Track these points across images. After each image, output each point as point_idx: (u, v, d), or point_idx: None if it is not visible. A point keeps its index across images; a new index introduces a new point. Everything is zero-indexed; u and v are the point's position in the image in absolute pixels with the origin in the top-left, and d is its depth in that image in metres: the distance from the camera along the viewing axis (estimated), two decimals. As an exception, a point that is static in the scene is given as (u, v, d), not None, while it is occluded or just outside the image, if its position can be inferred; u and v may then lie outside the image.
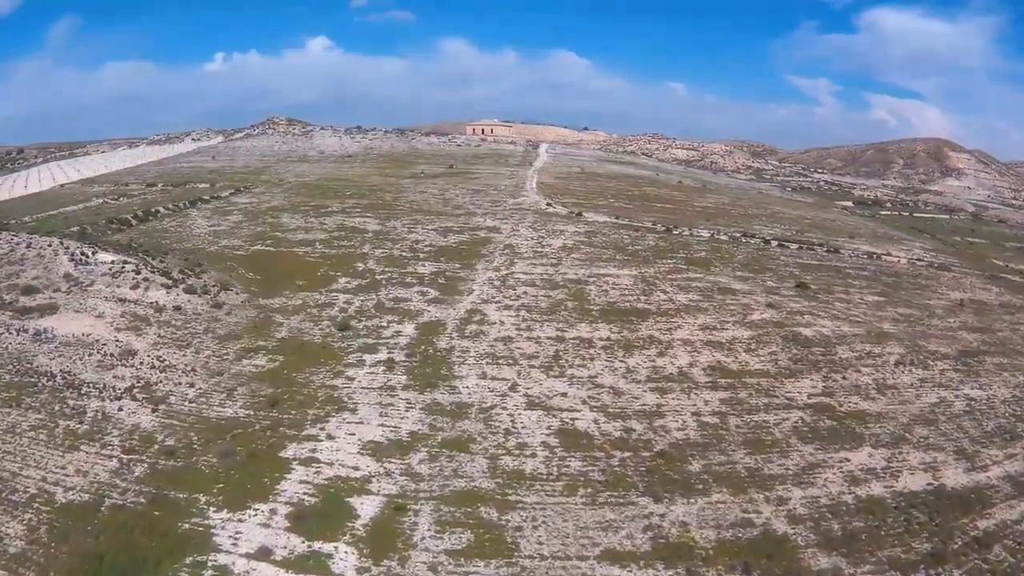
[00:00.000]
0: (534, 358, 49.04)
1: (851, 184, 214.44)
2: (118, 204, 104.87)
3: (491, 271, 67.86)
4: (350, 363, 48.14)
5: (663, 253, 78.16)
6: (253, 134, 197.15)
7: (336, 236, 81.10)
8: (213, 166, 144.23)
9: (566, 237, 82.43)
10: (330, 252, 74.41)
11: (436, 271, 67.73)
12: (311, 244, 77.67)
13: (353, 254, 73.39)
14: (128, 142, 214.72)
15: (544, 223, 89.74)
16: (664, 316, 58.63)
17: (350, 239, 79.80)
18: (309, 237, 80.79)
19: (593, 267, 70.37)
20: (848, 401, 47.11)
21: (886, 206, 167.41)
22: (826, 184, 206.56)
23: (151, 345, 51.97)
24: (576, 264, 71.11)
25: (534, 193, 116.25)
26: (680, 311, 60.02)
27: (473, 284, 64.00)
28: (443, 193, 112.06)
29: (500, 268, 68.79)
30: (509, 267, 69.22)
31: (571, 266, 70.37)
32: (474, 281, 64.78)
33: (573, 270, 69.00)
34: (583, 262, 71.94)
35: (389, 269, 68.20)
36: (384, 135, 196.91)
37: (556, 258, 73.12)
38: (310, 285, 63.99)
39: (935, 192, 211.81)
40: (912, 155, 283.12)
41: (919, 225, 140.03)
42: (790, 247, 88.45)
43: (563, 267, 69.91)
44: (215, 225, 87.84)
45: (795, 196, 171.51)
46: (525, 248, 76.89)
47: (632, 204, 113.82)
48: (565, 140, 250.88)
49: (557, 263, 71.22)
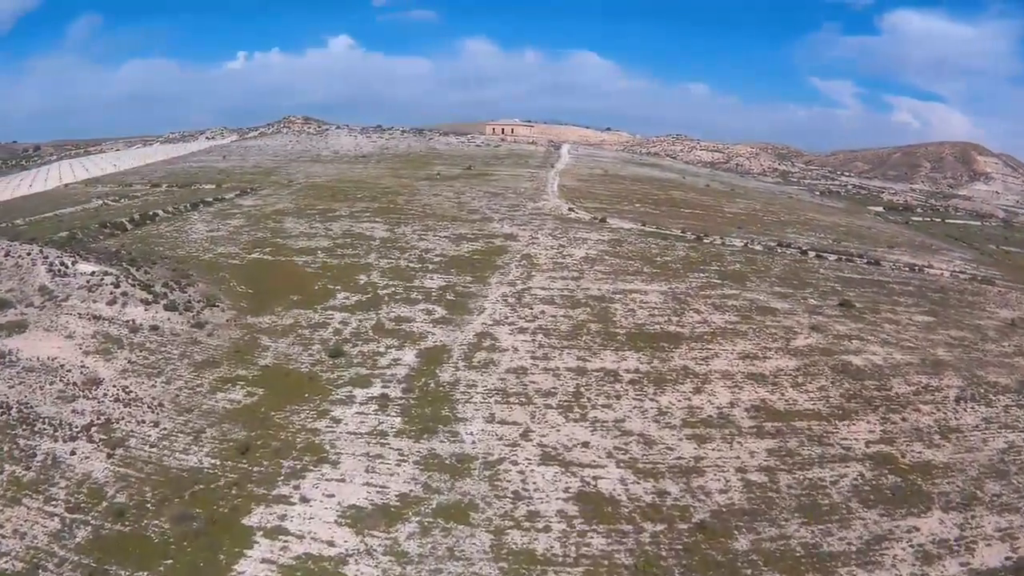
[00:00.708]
0: (551, 395, 42.43)
1: (880, 188, 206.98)
2: (118, 206, 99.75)
3: (506, 285, 61.38)
4: (338, 399, 41.82)
5: (694, 265, 71.31)
6: (267, 133, 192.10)
7: (340, 244, 75.00)
8: (223, 166, 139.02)
9: (589, 246, 75.86)
10: (331, 262, 68.27)
11: (445, 285, 61.33)
12: (312, 253, 71.60)
13: (356, 265, 67.19)
14: (143, 140, 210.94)
15: (565, 230, 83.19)
16: (699, 342, 51.87)
17: (355, 247, 73.66)
18: (311, 245, 74.77)
19: (618, 281, 63.74)
20: (911, 450, 40.16)
21: (917, 212, 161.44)
22: (854, 188, 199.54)
23: (119, 373, 46.11)
24: (600, 278, 64.49)
25: (555, 197, 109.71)
26: (716, 335, 53.24)
27: (485, 301, 57.54)
28: (459, 196, 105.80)
29: (516, 282, 62.29)
30: (526, 281, 62.71)
31: (594, 280, 63.78)
32: (486, 298, 58.32)
33: (596, 285, 62.39)
34: (607, 276, 65.31)
35: (394, 283, 61.88)
36: (401, 135, 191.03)
37: (578, 270, 66.54)
38: (305, 301, 57.85)
39: (964, 197, 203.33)
40: (939, 159, 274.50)
41: (952, 232, 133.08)
42: (829, 258, 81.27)
43: (585, 281, 63.33)
44: (214, 230, 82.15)
45: (826, 201, 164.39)
46: (544, 259, 70.38)
47: (659, 209, 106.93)
48: (587, 140, 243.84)
49: (579, 276, 64.65)
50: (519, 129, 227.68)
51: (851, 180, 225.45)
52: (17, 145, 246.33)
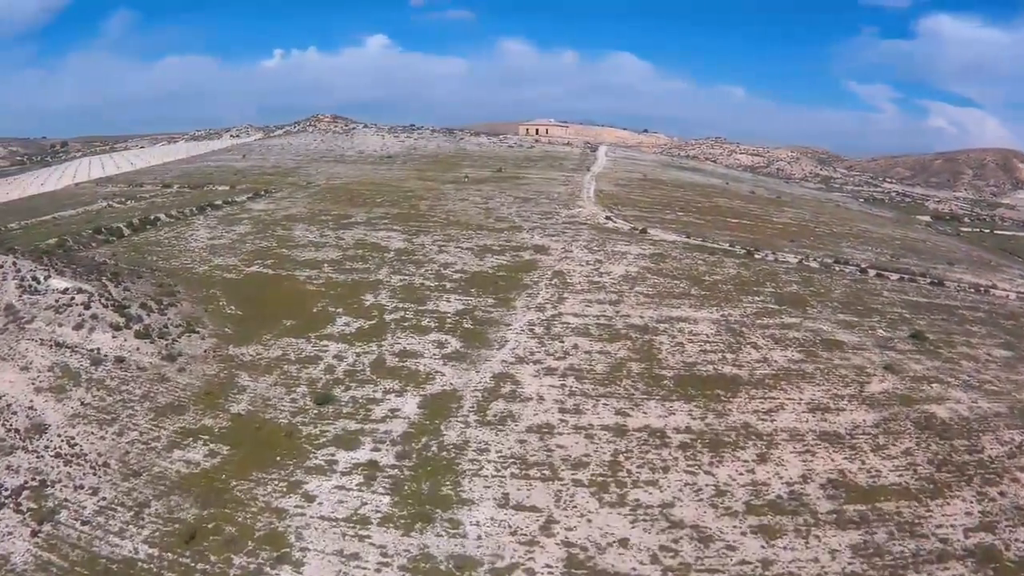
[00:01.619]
0: (582, 466, 33.99)
1: (923, 196, 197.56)
2: (122, 208, 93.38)
3: (533, 310, 53.09)
4: (316, 466, 33.81)
5: (748, 286, 62.37)
6: (293, 131, 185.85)
7: (350, 256, 67.21)
8: (241, 165, 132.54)
9: (629, 262, 67.24)
10: (337, 278, 60.48)
11: (463, 310, 53.13)
12: (318, 266, 63.90)
13: (364, 282, 59.30)
14: (169, 137, 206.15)
15: (603, 242, 74.59)
16: (760, 387, 43.19)
17: (366, 260, 65.82)
18: (318, 256, 67.09)
19: (663, 306, 55.20)
20: (1015, 540, 31.31)
21: (964, 221, 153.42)
22: (898, 195, 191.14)
23: (68, 418, 38.86)
24: (642, 302, 55.94)
25: (591, 203, 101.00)
26: (780, 378, 44.57)
27: (508, 331, 49.26)
28: (486, 202, 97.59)
29: (545, 306, 53.94)
30: (557, 305, 54.34)
31: (636, 304, 55.26)
32: (510, 326, 50.03)
33: (638, 311, 53.86)
34: (651, 299, 56.72)
35: (403, 305, 53.84)
36: (431, 134, 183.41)
37: (617, 292, 58.02)
38: (300, 326, 50.06)
39: (1008, 206, 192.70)
40: (981, 165, 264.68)
41: (1003, 244, 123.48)
42: (890, 278, 71.68)
43: (626, 306, 54.84)
44: (216, 238, 74.97)
45: (873, 209, 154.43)
46: (578, 276, 61.96)
47: (704, 219, 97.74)
48: (624, 142, 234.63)
49: (618, 300, 56.13)
50: (554, 130, 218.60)
51: (894, 187, 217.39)
52: (46, 141, 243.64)
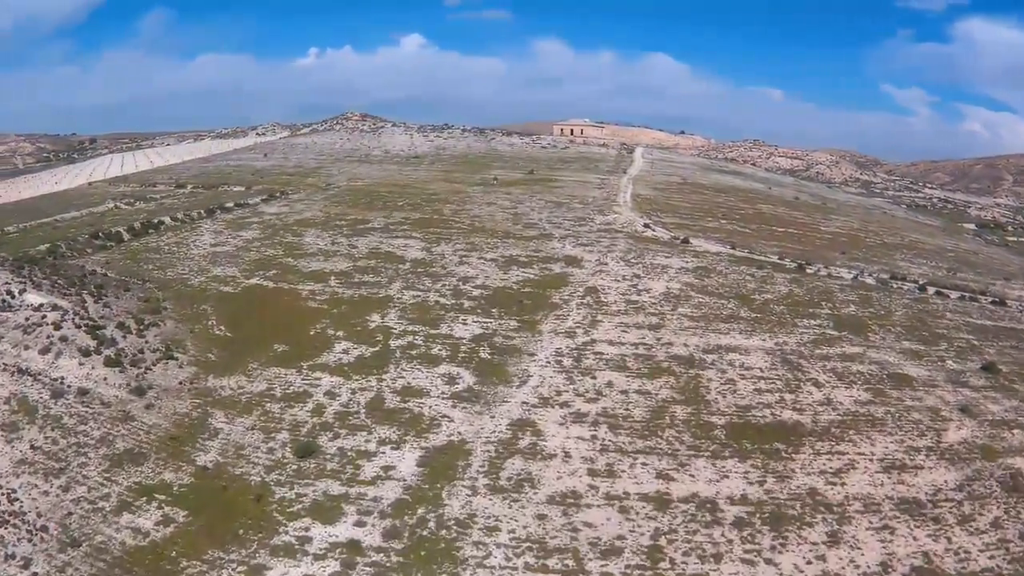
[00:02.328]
0: (614, 554, 27.07)
1: (965, 202, 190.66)
2: (129, 210, 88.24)
3: (562, 336, 46.21)
4: (285, 545, 27.32)
5: (802, 307, 54.95)
6: (319, 130, 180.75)
7: (361, 267, 60.83)
8: (261, 165, 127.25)
9: (670, 277, 60.08)
10: (343, 293, 54.12)
11: (481, 335, 46.37)
12: (324, 279, 57.62)
13: (372, 299, 52.84)
14: (196, 134, 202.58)
15: (641, 253, 67.41)
16: (826, 438, 36.22)
17: (378, 272, 59.40)
18: (326, 267, 60.82)
19: (710, 331, 48.11)
20: None
21: (1008, 230, 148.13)
22: (939, 201, 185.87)
23: (14, 464, 33.23)
24: (686, 326, 48.85)
25: (628, 208, 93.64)
26: (847, 426, 37.68)
27: (531, 362, 42.44)
28: (516, 206, 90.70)
29: (576, 331, 47.04)
30: (589, 329, 47.42)
31: (679, 329, 48.19)
32: (534, 357, 43.20)
33: (682, 338, 46.80)
34: (696, 322, 49.61)
35: (413, 328, 47.22)
36: (461, 134, 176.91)
37: (657, 313, 50.96)
38: (292, 353, 43.74)
39: None
40: (1022, 171, 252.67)
41: None
42: (950, 296, 63.39)
43: (668, 331, 47.79)
44: (220, 244, 69.11)
45: (919, 217, 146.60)
46: (614, 294, 54.96)
47: (748, 227, 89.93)
48: (661, 144, 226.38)
49: (659, 323, 49.08)
50: (588, 130, 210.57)
51: (934, 192, 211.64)
52: (75, 138, 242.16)
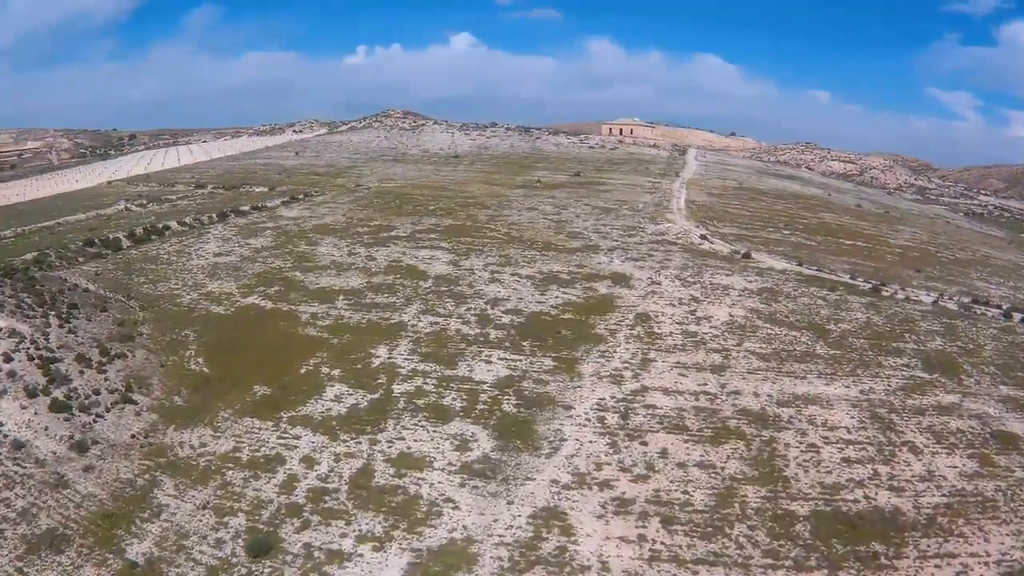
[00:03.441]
0: None
1: (1020, 210, 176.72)
2: (139, 212, 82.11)
3: (606, 382, 37.68)
4: None
5: (884, 341, 46.11)
6: (358, 127, 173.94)
7: (376, 285, 53.00)
8: (290, 164, 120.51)
9: (733, 300, 51.24)
10: (349, 318, 46.23)
11: (507, 378, 37.99)
12: (331, 299, 49.88)
13: (381, 326, 44.83)
14: (234, 131, 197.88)
15: (699, 270, 58.59)
16: (932, 532, 28.57)
17: (394, 291, 51.49)
18: (336, 284, 53.13)
19: (783, 375, 39.53)
20: None
21: None
22: (995, 208, 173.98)
23: None
24: (755, 367, 40.21)
25: (682, 216, 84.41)
26: (955, 512, 29.96)
27: (567, 419, 33.98)
28: (559, 212, 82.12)
29: (623, 374, 38.46)
30: (639, 371, 38.84)
31: (747, 371, 39.55)
32: (570, 411, 34.69)
33: (751, 383, 38.13)
34: (766, 361, 40.87)
35: (425, 367, 39.02)
36: (505, 132, 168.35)
37: (721, 349, 42.24)
38: (273, 399, 35.89)
39: None
40: None
41: None
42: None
43: (734, 374, 39.10)
44: (224, 253, 62.03)
45: (983, 227, 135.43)
46: (669, 323, 46.32)
47: (813, 239, 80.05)
48: (711, 145, 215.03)
49: (723, 363, 40.40)
50: (639, 130, 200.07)
51: (990, 200, 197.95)
52: (115, 134, 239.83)
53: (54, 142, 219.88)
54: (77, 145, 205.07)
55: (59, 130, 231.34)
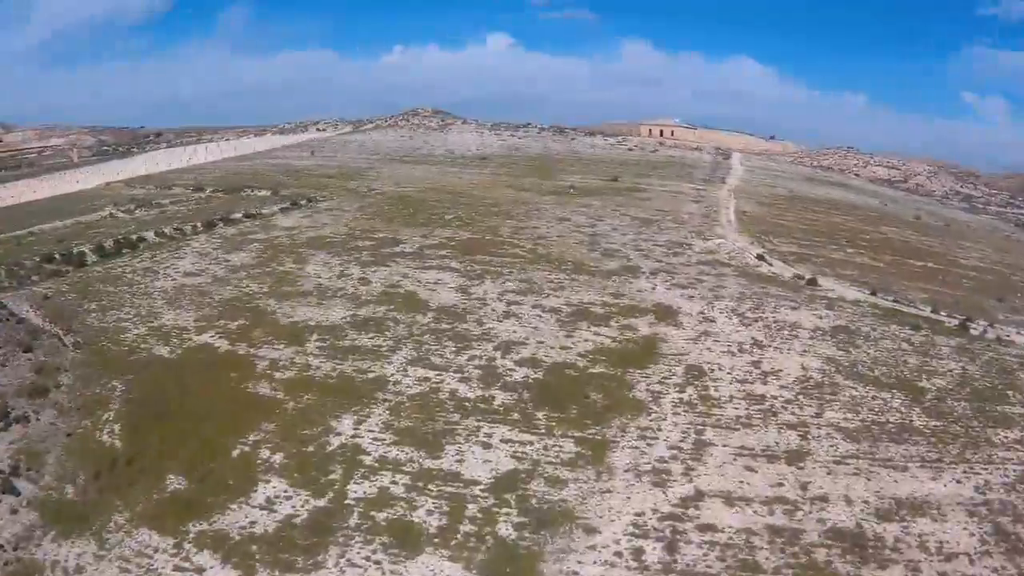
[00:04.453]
0: None
1: None
2: (124, 219, 74.09)
3: (646, 483, 27.89)
4: None
5: (988, 403, 36.39)
6: (382, 126, 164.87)
7: (363, 319, 43.42)
8: (301, 164, 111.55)
9: (804, 345, 41.13)
10: (318, 370, 36.60)
11: (511, 473, 28.11)
12: (301, 340, 40.41)
13: (355, 384, 35.13)
14: (259, 129, 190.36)
15: (758, 301, 48.40)
16: None
17: (382, 329, 41.88)
18: (313, 317, 43.68)
19: (878, 466, 30.19)
20: None
21: None
22: None
23: None
24: (842, 452, 30.44)
25: (733, 230, 73.75)
26: None
27: (587, 554, 23.89)
28: (593, 224, 72.02)
29: (670, 468, 28.61)
30: (691, 467, 28.94)
31: (831, 461, 29.73)
32: (594, 536, 24.97)
33: (840, 483, 28.51)
34: (855, 443, 31.28)
35: (397, 453, 29.25)
36: (538, 133, 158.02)
37: (796, 424, 32.35)
38: (182, 501, 26.48)
39: None
40: None
41: None
42: None
43: (815, 467, 29.28)
44: (196, 273, 53.09)
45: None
46: (728, 381, 36.42)
47: (879, 259, 69.02)
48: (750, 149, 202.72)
49: (800, 447, 30.68)
50: (680, 131, 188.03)
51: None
52: (142, 131, 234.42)
53: (77, 139, 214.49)
54: (101, 142, 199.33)
55: (85, 127, 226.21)
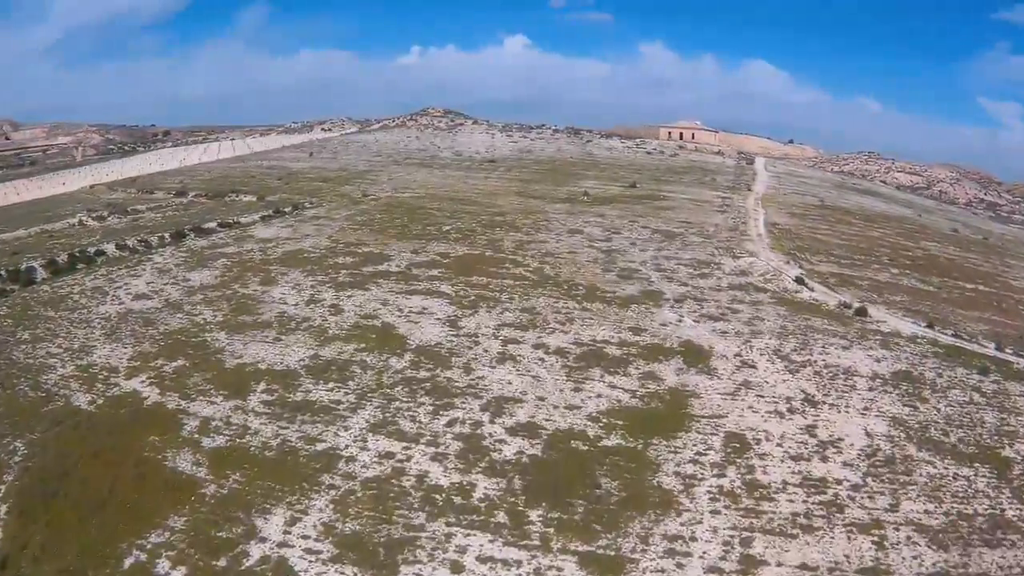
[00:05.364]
0: None
1: None
2: (93, 227, 67.65)
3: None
4: None
5: None
6: (390, 126, 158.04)
7: (325, 361, 35.92)
8: (298, 167, 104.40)
9: (864, 402, 34.11)
10: (255, 436, 29.16)
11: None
12: (245, 390, 32.91)
13: (298, 460, 27.67)
14: (264, 129, 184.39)
15: (804, 339, 40.71)
16: None
17: (345, 378, 34.30)
18: (266, 359, 36.26)
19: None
20: None
21: None
22: None
23: None
24: (926, 562, 23.28)
25: (765, 246, 65.65)
26: None
27: None
28: (609, 237, 64.30)
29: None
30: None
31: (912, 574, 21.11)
32: None
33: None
34: (943, 552, 24.76)
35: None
36: (551, 134, 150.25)
37: (868, 526, 25.12)
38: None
39: None
40: None
41: None
42: None
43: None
44: (148, 296, 45.94)
45: None
46: (778, 459, 29.29)
47: (928, 281, 61.18)
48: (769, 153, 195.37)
49: (877, 563, 23.20)
50: (701, 134, 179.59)
51: None
52: (151, 129, 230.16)
53: (84, 137, 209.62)
54: (108, 141, 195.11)
55: (93, 125, 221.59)
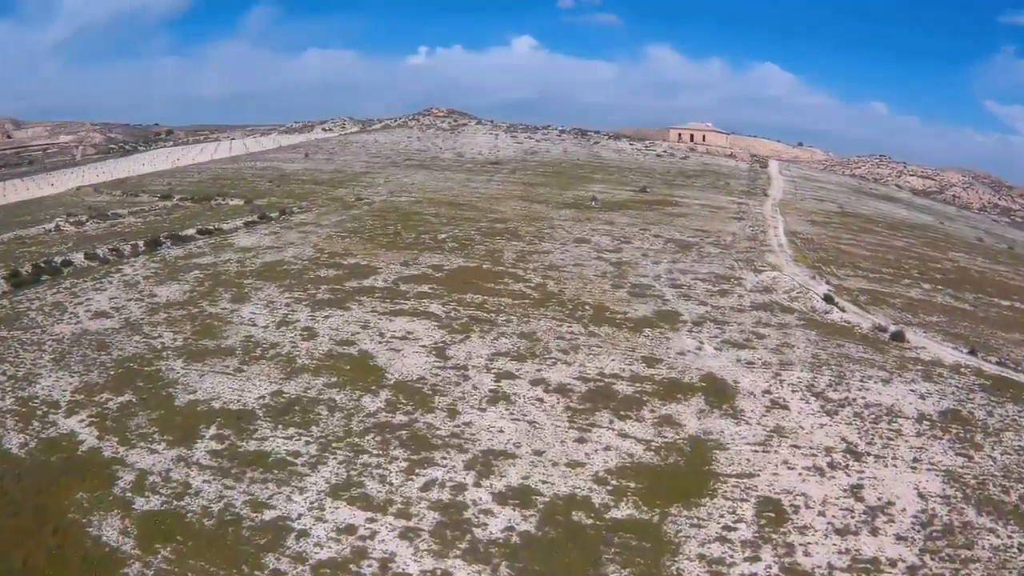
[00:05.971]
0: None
1: None
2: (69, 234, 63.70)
3: None
4: None
5: None
6: (391, 126, 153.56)
7: (288, 401, 31.27)
8: (292, 168, 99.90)
9: (913, 452, 29.41)
10: (195, 499, 24.37)
11: None
12: (191, 438, 28.23)
13: (239, 539, 22.79)
14: (265, 129, 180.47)
15: (839, 372, 36.03)
16: None
17: (309, 423, 29.63)
18: (223, 395, 31.61)
19: None
20: None
21: None
22: None
23: None
24: None
25: (787, 257, 60.71)
26: None
27: None
28: (619, 247, 59.46)
29: None
30: None
31: None
32: None
33: None
34: None
35: None
36: (558, 136, 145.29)
37: None
38: None
39: None
40: None
41: None
42: None
43: None
44: (108, 313, 41.47)
45: None
46: (817, 528, 24.57)
47: (963, 298, 56.32)
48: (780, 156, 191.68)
49: None
50: (712, 136, 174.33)
51: None
52: (154, 128, 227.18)
53: (85, 136, 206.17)
54: (109, 140, 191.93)
55: (96, 124, 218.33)
